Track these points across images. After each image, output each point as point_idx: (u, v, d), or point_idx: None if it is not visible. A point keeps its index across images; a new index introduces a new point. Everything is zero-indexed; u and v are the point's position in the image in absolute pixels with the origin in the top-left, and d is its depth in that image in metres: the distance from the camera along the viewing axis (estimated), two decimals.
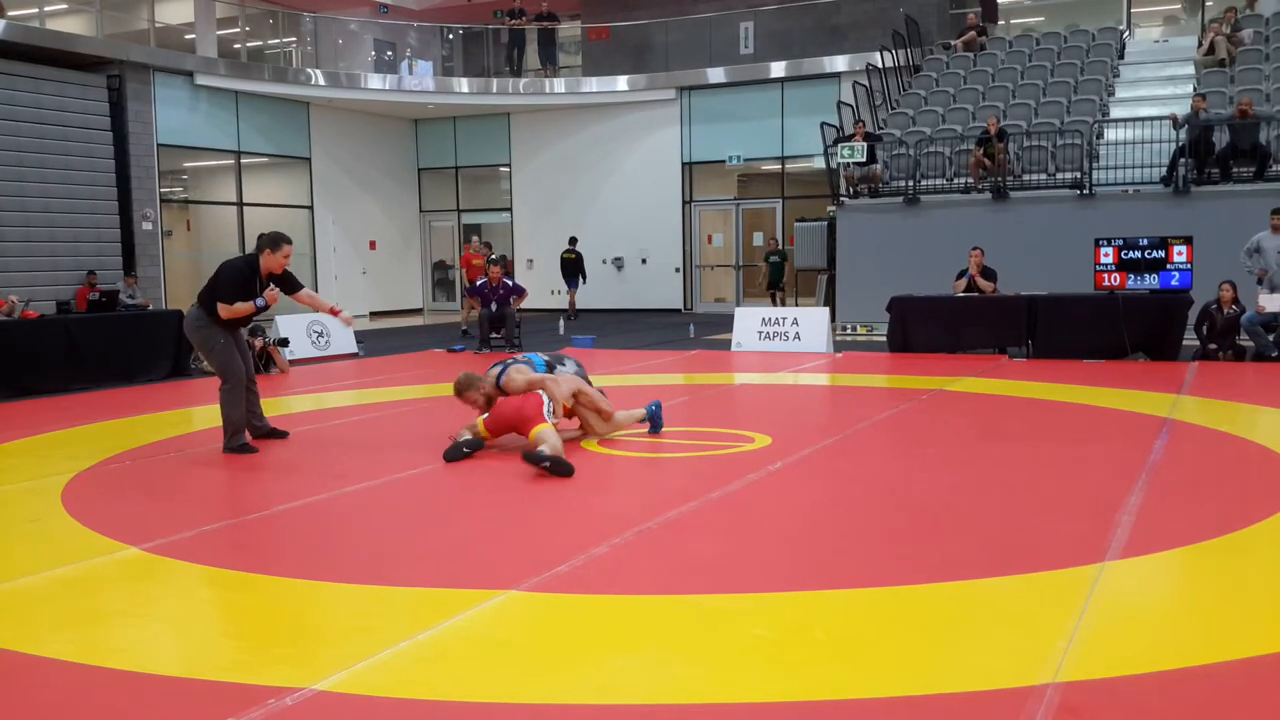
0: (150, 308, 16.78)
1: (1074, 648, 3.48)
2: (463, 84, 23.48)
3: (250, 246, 22.70)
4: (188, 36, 20.93)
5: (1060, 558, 4.50)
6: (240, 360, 7.38)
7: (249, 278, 7.26)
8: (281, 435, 7.81)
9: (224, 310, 7.19)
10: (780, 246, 21.66)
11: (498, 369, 7.50)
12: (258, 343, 12.57)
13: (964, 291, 13.53)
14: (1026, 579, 4.26)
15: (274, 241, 7.33)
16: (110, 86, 18.44)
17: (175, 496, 6.03)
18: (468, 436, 7.04)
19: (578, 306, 21.46)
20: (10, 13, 17.81)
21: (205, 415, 8.47)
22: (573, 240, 21.69)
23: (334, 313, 7.83)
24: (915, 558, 4.61)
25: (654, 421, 7.76)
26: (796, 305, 19.23)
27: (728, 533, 5.09)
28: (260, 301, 7.25)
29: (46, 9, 19.70)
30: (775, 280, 21.22)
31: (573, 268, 21.64)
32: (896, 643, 3.61)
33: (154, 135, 19.19)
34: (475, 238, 20.30)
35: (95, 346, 11.61)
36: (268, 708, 3.12)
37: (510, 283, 15.19)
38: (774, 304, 20.05)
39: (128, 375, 11.68)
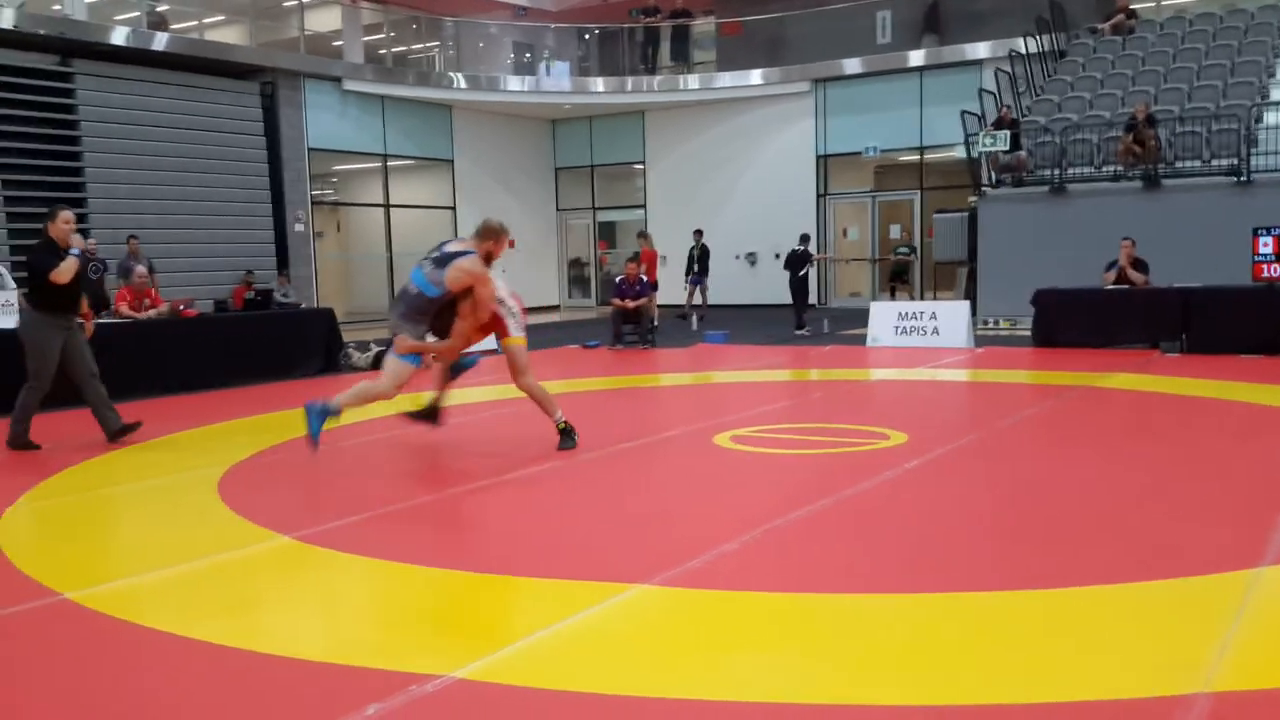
0: (303, 306, 17.42)
1: (1227, 656, 3.34)
2: (598, 83, 23.72)
3: (397, 248, 23.52)
4: (335, 44, 21.69)
5: (1213, 562, 4.31)
6: (51, 370, 7.71)
7: (52, 252, 7.61)
8: (134, 427, 8.05)
9: (58, 277, 7.52)
10: (911, 240, 21.14)
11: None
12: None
13: (1114, 284, 13.06)
14: (1176, 584, 4.09)
15: (50, 214, 7.78)
16: (264, 93, 19.23)
17: (324, 488, 6.26)
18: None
19: (709, 303, 20.52)
20: (172, 26, 18.75)
21: (354, 410, 8.77)
22: (698, 233, 20.73)
23: (86, 316, 8.23)
24: (1057, 560, 4.47)
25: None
26: (935, 299, 18.84)
27: (860, 532, 5.03)
28: (75, 250, 7.62)
29: (205, 21, 20.67)
30: (898, 274, 20.75)
31: (698, 261, 20.32)
32: (1036, 647, 3.51)
33: (305, 139, 19.94)
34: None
35: (252, 343, 12.13)
36: (409, 694, 3.22)
37: (645, 279, 15.30)
38: (891, 298, 19.61)
39: (282, 371, 12.16)
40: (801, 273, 17.01)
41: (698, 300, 20.34)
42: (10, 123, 15.57)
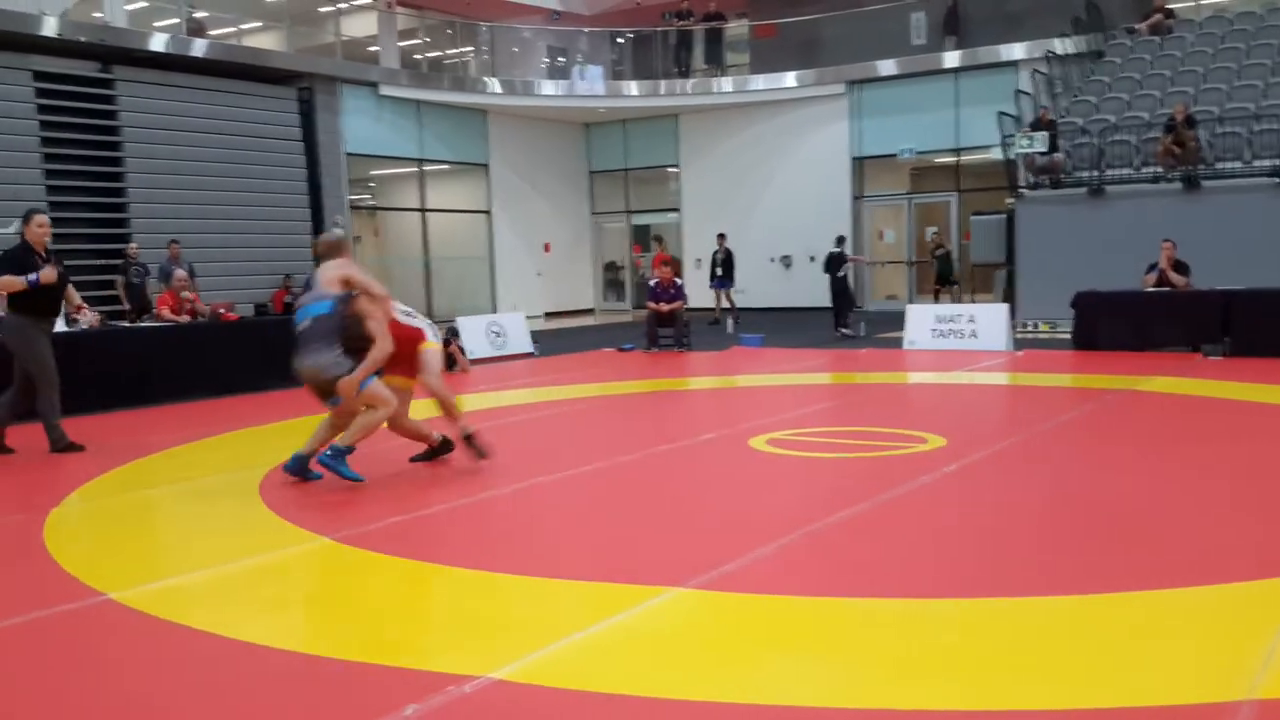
0: None
1: (1272, 664, 3.29)
2: (631, 87, 23.75)
3: (434, 253, 23.66)
4: (371, 49, 21.83)
5: (1258, 568, 4.26)
6: (51, 366, 7.80)
7: (22, 254, 7.70)
8: (8, 451, 8.01)
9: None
10: (942, 241, 21.00)
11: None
12: (452, 347, 13.08)
13: (1154, 286, 12.92)
14: (1220, 590, 4.04)
15: (25, 217, 7.87)
16: (301, 98, 19.37)
17: (364, 490, 6.31)
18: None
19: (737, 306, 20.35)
20: (210, 32, 18.96)
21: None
22: (721, 236, 20.77)
23: (82, 309, 8.41)
24: (1099, 566, 4.43)
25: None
26: (973, 301, 18.70)
27: (899, 536, 5.01)
28: (33, 278, 7.60)
29: (243, 27, 20.89)
30: (944, 276, 20.63)
31: (722, 266, 20.34)
32: (1077, 653, 3.48)
33: (342, 144, 20.08)
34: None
35: (292, 346, 12.21)
36: (448, 694, 3.25)
37: (679, 283, 15.31)
38: (936, 300, 19.53)
39: None
40: (840, 274, 16.96)
41: (725, 304, 20.28)
42: (54, 129, 15.80)
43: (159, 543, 5.62)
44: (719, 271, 20.31)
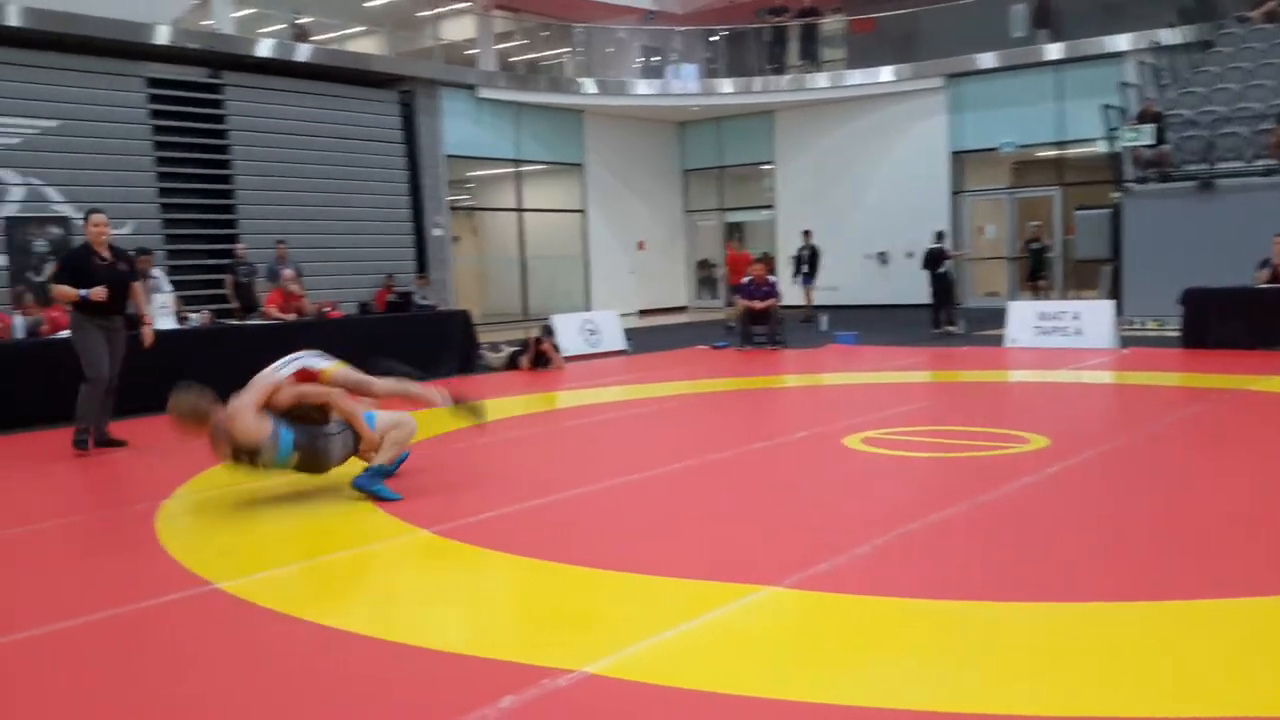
0: (440, 308, 17.84)
1: None
2: (726, 84, 23.69)
3: (530, 252, 23.89)
4: (469, 52, 22.15)
5: None
6: (106, 365, 7.94)
7: (83, 257, 7.93)
8: (120, 444, 8.15)
9: (53, 291, 7.90)
10: (1039, 234, 20.52)
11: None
12: (545, 345, 13.27)
13: (1266, 282, 12.46)
14: None
15: (85, 216, 8.12)
16: (402, 101, 19.75)
17: (460, 484, 6.41)
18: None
19: (814, 303, 20.28)
20: (314, 38, 19.44)
21: (494, 408, 8.96)
22: (806, 234, 20.80)
23: (145, 322, 8.52)
24: (1204, 571, 4.30)
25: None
26: (1079, 298, 18.25)
27: (997, 538, 4.92)
28: (84, 294, 7.77)
29: (345, 32, 21.37)
30: (1036, 271, 20.19)
31: (808, 262, 20.40)
32: (1177, 659, 3.38)
33: (441, 146, 20.41)
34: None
35: (393, 344, 12.48)
36: (542, 687, 3.29)
37: (773, 281, 15.23)
38: (1033, 296, 19.13)
39: (422, 369, 12.47)
40: (941, 270, 16.70)
41: (813, 301, 20.18)
42: (166, 133, 16.36)
43: (264, 534, 5.77)
44: (805, 269, 20.23)
